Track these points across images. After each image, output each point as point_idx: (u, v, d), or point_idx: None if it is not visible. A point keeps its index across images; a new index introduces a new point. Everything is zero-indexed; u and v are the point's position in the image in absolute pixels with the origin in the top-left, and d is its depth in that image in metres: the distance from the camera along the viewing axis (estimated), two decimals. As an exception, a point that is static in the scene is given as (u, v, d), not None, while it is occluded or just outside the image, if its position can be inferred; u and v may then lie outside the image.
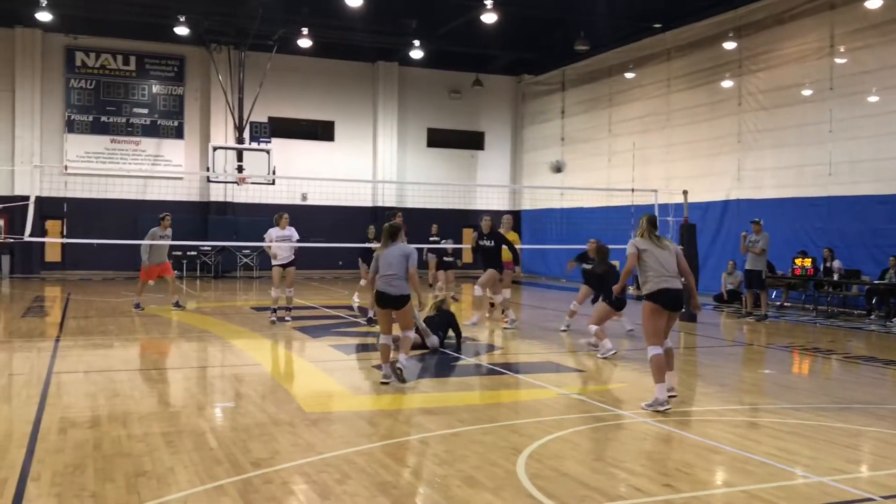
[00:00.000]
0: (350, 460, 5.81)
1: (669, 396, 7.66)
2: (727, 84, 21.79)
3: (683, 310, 8.38)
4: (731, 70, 21.69)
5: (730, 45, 21.42)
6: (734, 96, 21.55)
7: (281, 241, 13.90)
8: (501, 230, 14.59)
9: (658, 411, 7.38)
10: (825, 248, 17.66)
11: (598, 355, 10.80)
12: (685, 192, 16.31)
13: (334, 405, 7.90)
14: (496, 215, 17.72)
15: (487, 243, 13.85)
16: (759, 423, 7.27)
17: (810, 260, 17.55)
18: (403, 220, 12.74)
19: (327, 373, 9.68)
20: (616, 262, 12.21)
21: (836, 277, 17.10)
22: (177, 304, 16.38)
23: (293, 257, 14.18)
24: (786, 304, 18.87)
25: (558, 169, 19.83)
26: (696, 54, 22.98)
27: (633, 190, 19.16)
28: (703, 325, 15.03)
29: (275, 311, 14.24)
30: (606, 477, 5.46)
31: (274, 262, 14.14)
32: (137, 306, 16.12)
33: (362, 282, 15.32)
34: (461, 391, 8.86)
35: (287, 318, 14.16)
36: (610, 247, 12.28)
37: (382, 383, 8.57)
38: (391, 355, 8.82)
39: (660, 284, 7.54)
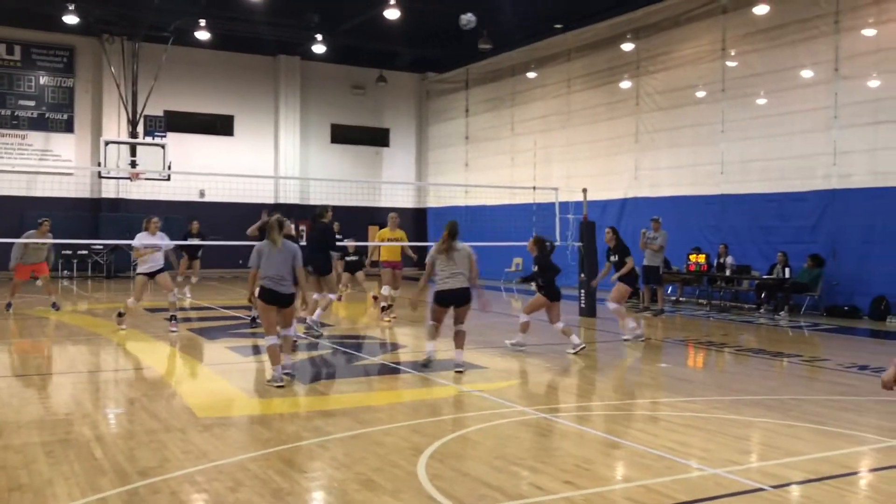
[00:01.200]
0: (244, 467, 5.59)
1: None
2: (625, 85, 22.29)
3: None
4: (629, 71, 22.20)
5: (628, 47, 21.93)
6: (632, 97, 22.07)
7: (150, 248, 12.74)
8: (387, 228, 14.99)
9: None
10: (720, 244, 18.27)
11: (570, 351, 10.80)
12: (584, 191, 16.58)
13: (229, 409, 7.63)
14: (402, 213, 17.67)
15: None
16: (656, 417, 7.39)
17: (704, 256, 18.13)
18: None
19: (222, 375, 9.36)
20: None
21: (728, 273, 17.71)
22: (54, 305, 15.61)
23: (162, 264, 13.09)
24: (681, 299, 19.45)
25: (467, 23, 19.74)
26: (595, 55, 23.43)
27: (534, 188, 19.35)
28: (602, 321, 15.30)
29: (121, 314, 13.15)
30: (508, 475, 5.41)
31: (140, 270, 12.88)
32: (9, 307, 15.27)
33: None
34: (361, 391, 8.70)
35: (173, 329, 12.89)
36: (512, 243, 12.38)
37: (278, 386, 8.30)
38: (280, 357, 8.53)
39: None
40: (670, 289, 19.58)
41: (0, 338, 12.11)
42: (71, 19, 23.53)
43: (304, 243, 13.80)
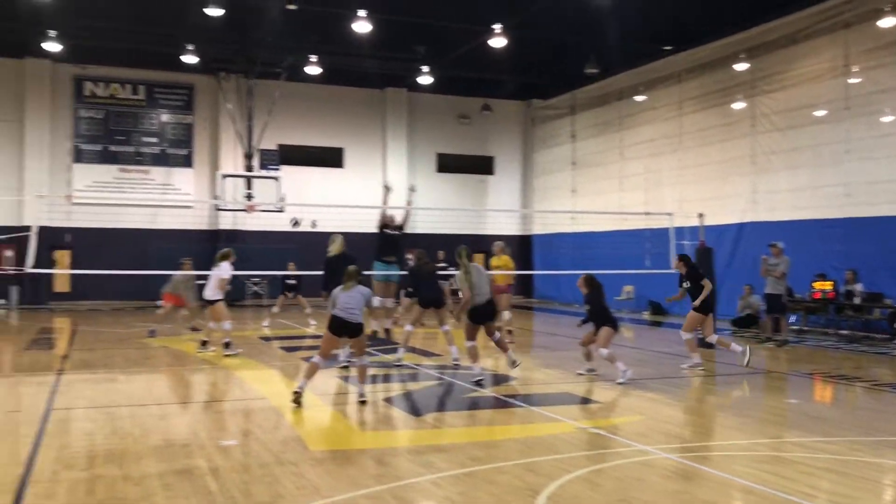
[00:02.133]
0: (357, 504, 5.48)
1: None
2: (739, 105, 21.52)
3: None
4: (743, 91, 21.42)
5: (742, 67, 21.19)
6: (747, 118, 21.26)
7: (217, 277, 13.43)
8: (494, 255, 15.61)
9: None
10: (848, 270, 17.24)
11: (618, 381, 10.46)
12: (701, 216, 15.98)
13: (341, 442, 7.57)
14: (507, 240, 17.53)
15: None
16: (787, 458, 6.88)
17: (830, 283, 17.14)
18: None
19: (334, 407, 9.35)
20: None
21: (857, 301, 16.66)
22: (193, 329, 16.15)
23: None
24: (805, 328, 18.43)
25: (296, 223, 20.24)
26: (707, 76, 22.75)
27: (647, 213, 18.83)
28: (721, 352, 14.62)
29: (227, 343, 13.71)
30: (631, 522, 5.09)
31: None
32: (152, 333, 15.85)
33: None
34: (472, 426, 8.51)
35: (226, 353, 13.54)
36: (625, 271, 12.18)
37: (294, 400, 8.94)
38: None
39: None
40: (793, 318, 18.59)
41: (129, 367, 12.55)
42: (190, 59, 24.64)
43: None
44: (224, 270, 13.43)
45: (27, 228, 21.59)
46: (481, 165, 31.97)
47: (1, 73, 26.16)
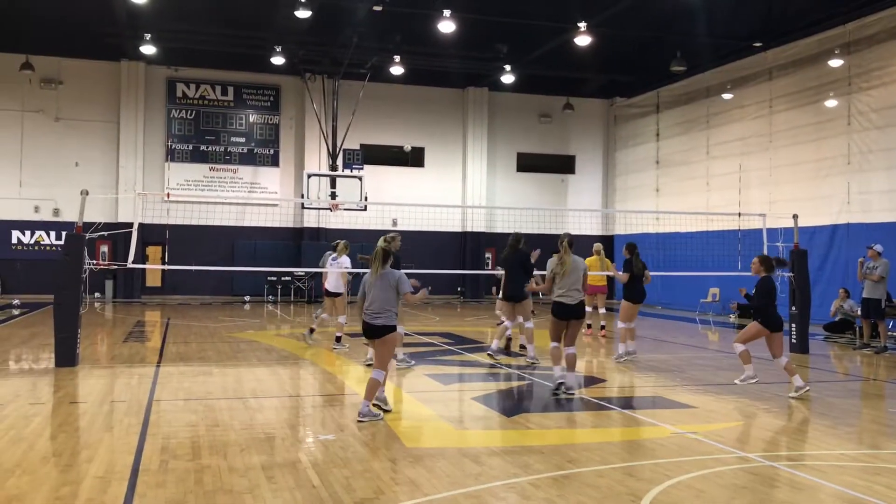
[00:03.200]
0: (458, 503, 5.50)
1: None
2: (833, 103, 20.78)
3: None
4: (838, 88, 20.69)
5: (836, 63, 20.46)
6: (842, 116, 20.52)
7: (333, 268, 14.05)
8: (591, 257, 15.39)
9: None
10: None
11: (792, 395, 9.97)
12: (795, 217, 15.48)
13: (437, 440, 7.61)
14: (587, 240, 17.40)
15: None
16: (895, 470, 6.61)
17: (932, 288, 16.39)
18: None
19: (426, 404, 9.40)
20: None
21: (961, 307, 15.90)
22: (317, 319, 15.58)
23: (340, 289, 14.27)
24: (904, 335, 17.67)
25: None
26: (799, 73, 22.06)
27: (739, 214, 18.38)
28: (815, 357, 14.16)
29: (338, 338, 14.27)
30: (740, 530, 4.97)
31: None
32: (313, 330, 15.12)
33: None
34: (568, 427, 8.44)
35: (335, 346, 14.12)
36: (708, 273, 11.74)
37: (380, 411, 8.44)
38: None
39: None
40: (892, 323, 17.85)
41: (223, 361, 12.89)
42: (278, 60, 25.17)
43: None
44: (345, 263, 13.90)
45: (122, 225, 22.49)
46: (562, 164, 31.76)
47: (98, 76, 27.20)
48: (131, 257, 13.20)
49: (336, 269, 14.17)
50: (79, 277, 11.74)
